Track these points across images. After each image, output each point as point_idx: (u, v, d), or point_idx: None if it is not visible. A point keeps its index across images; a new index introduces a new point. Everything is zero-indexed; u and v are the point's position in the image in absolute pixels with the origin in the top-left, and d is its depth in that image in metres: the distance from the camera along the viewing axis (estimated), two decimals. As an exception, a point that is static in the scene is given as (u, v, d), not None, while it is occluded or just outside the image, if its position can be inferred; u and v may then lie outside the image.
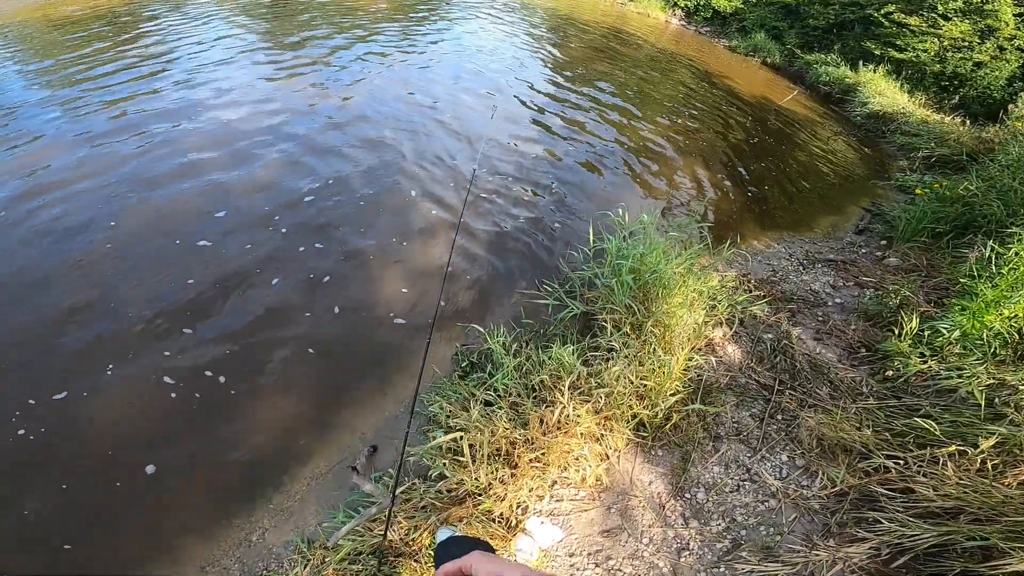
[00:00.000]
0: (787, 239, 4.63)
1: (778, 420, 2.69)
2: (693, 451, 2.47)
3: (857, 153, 7.05)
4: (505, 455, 2.12)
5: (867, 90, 8.88)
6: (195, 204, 3.81)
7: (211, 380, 2.69)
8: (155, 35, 7.29)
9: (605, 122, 6.17)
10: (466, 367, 2.72)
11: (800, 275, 3.94)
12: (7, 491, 2.22)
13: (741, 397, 2.71)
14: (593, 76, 7.88)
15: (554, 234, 4.01)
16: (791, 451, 2.54)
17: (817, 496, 2.30)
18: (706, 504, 2.32)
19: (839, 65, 10.18)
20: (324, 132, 4.91)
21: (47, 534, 2.11)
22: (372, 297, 3.25)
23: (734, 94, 8.52)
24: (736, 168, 5.82)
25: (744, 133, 6.88)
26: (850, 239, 4.69)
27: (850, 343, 3.18)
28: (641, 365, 2.37)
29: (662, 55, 10.30)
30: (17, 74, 5.88)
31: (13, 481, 2.25)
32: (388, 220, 3.89)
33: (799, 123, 7.78)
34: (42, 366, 2.67)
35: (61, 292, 3.03)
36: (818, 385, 2.86)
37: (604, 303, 2.78)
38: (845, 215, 5.26)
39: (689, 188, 5.13)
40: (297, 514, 2.30)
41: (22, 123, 4.68)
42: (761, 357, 2.95)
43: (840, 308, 3.50)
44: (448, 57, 7.64)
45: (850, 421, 2.55)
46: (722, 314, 3.01)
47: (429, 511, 2.00)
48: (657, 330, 2.53)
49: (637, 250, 2.80)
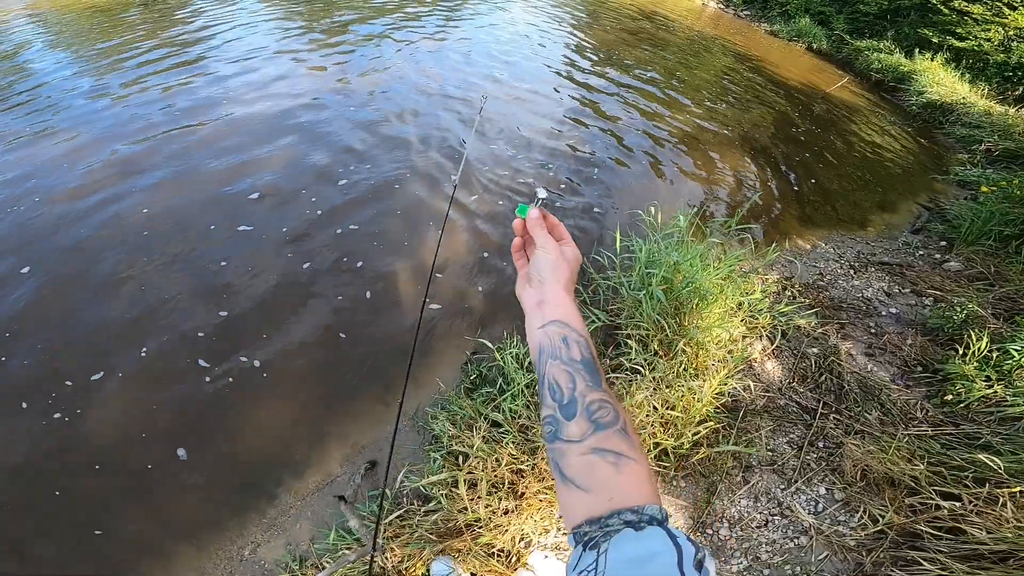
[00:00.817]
0: (836, 238, 4.22)
1: (819, 448, 2.40)
2: (720, 482, 2.21)
3: (912, 145, 6.50)
4: (510, 484, 1.91)
5: (923, 79, 8.23)
6: (231, 187, 3.74)
7: (209, 383, 2.57)
8: (190, 20, 7.27)
9: (637, 110, 5.81)
10: (475, 380, 2.51)
11: (850, 280, 3.57)
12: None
13: (779, 422, 2.42)
14: (626, 61, 7.49)
15: (577, 233, 3.75)
16: (830, 483, 2.27)
17: (854, 534, 2.04)
18: (728, 541, 2.08)
19: (892, 52, 9.51)
20: (348, 119, 4.74)
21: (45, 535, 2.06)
22: (375, 300, 3.07)
23: (777, 81, 7.99)
24: (780, 159, 5.40)
25: (788, 122, 6.41)
26: (906, 239, 4.26)
27: (906, 360, 2.84)
28: (668, 388, 2.11)
29: (699, 39, 9.78)
30: (59, 60, 5.94)
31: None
32: (385, 211, 3.71)
33: (849, 112, 7.23)
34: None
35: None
36: (867, 408, 2.55)
37: (630, 316, 2.51)
38: (900, 212, 4.80)
39: (728, 182, 4.75)
40: (290, 530, 2.18)
41: (65, 111, 4.70)
42: (804, 375, 2.65)
43: (895, 319, 3.14)
44: (479, 42, 7.36)
45: (901, 451, 2.25)
46: (763, 326, 2.71)
47: (423, 542, 1.81)
48: (689, 348, 2.25)
49: (670, 257, 2.49)
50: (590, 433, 0.56)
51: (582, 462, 0.55)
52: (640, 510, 0.52)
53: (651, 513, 0.52)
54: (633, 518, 0.51)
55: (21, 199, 3.54)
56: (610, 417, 0.57)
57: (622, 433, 0.57)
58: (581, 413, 0.58)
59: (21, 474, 2.23)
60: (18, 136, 4.27)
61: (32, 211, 3.45)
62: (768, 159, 5.35)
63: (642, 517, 0.51)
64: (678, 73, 7.42)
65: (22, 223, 3.35)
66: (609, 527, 0.51)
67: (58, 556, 2.03)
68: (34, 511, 2.13)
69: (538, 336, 0.66)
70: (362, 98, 5.15)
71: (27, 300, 2.86)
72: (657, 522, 0.51)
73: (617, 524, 0.51)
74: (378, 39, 6.82)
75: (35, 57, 6.10)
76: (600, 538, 0.50)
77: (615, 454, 0.55)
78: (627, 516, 0.51)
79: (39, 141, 4.21)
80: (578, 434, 0.57)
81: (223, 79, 5.35)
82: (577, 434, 0.57)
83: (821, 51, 10.57)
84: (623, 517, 0.51)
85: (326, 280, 3.11)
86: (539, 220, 0.72)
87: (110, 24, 7.16)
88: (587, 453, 0.56)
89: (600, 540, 0.50)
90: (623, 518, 0.51)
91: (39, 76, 5.49)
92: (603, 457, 0.55)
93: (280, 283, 3.06)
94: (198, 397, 2.52)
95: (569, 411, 0.58)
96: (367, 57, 6.20)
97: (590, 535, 0.52)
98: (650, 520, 0.51)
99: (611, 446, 0.55)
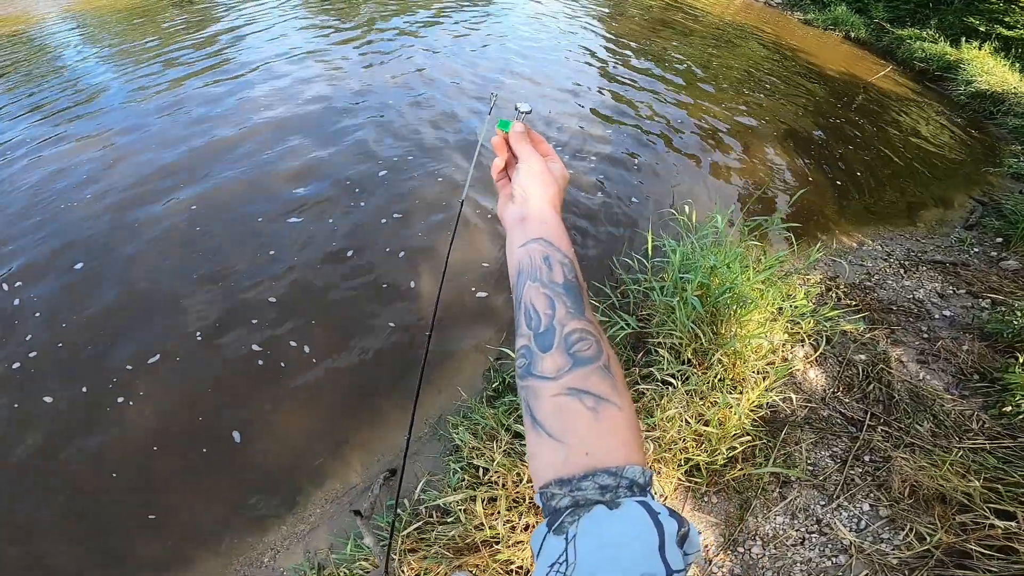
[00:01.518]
0: (884, 234, 3.96)
1: (864, 462, 2.23)
2: (755, 498, 2.07)
3: (962, 136, 6.12)
4: (531, 499, 1.82)
5: (971, 68, 7.78)
6: (279, 181, 3.80)
7: (232, 387, 2.57)
8: (223, 18, 7.44)
9: (666, 103, 5.61)
10: (497, 387, 2.42)
11: (900, 280, 3.32)
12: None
13: (822, 434, 2.26)
14: (654, 52, 7.28)
15: (603, 234, 3.61)
16: (875, 499, 2.11)
17: (897, 552, 1.89)
18: (761, 559, 1.95)
19: (937, 41, 9.05)
20: (388, 112, 4.76)
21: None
22: (397, 302, 3.02)
23: (814, 71, 7.64)
24: (820, 152, 5.13)
25: (828, 113, 6.11)
26: (959, 235, 3.97)
27: (961, 368, 2.63)
28: (702, 399, 1.98)
29: (729, 27, 9.46)
30: (101, 60, 6.16)
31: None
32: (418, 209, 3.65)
33: (893, 102, 6.86)
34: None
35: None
36: (918, 420, 2.36)
37: (660, 323, 2.36)
38: (951, 207, 4.50)
39: (766, 177, 4.53)
40: (309, 538, 2.15)
41: (109, 110, 4.84)
42: (850, 384, 2.46)
43: (949, 323, 2.91)
44: (504, 34, 7.30)
45: (954, 466, 2.07)
46: (806, 331, 2.53)
47: (440, 558, 1.74)
48: (726, 358, 2.11)
49: (707, 261, 2.31)
50: (567, 369, 0.49)
51: (556, 404, 0.48)
52: (619, 472, 0.44)
53: (631, 476, 0.44)
54: (610, 482, 0.43)
55: (57, 199, 3.63)
56: (591, 351, 0.49)
57: (604, 371, 0.49)
58: (559, 344, 0.50)
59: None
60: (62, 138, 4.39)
61: (81, 210, 3.54)
62: (808, 152, 5.10)
63: (620, 481, 0.44)
64: (709, 64, 7.17)
65: (73, 221, 3.44)
66: (581, 491, 0.43)
67: (78, 561, 2.04)
68: (53, 510, 2.16)
69: (518, 255, 0.58)
70: (401, 94, 5.15)
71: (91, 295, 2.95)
72: (638, 488, 0.44)
73: (591, 489, 0.43)
74: (401, 35, 6.81)
75: (73, 58, 6.32)
76: (567, 515, 0.43)
77: (595, 397, 0.47)
78: (603, 479, 0.44)
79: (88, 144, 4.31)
80: (553, 370, 0.49)
81: (266, 78, 5.40)
82: (552, 370, 0.49)
83: (859, 40, 10.09)
84: (598, 480, 0.43)
85: (348, 284, 3.07)
86: (523, 135, 0.66)
87: (147, 24, 7.34)
88: (562, 393, 0.48)
89: (567, 521, 0.42)
90: (598, 481, 0.43)
91: (81, 76, 5.67)
92: (581, 400, 0.47)
93: (300, 288, 3.03)
94: (218, 402, 2.51)
95: (545, 341, 0.51)
96: (390, 53, 6.18)
97: (558, 501, 0.44)
98: (630, 486, 0.44)
99: (590, 387, 0.47)
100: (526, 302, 0.54)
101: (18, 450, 2.31)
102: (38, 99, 5.19)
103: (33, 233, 3.36)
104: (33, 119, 4.79)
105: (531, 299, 0.54)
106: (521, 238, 0.59)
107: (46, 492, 2.21)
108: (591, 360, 0.49)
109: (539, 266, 0.55)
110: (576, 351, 0.49)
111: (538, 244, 0.57)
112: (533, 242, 0.57)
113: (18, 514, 2.15)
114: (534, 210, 0.60)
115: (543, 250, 0.56)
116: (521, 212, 0.61)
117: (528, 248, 0.57)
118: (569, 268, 0.55)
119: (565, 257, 0.56)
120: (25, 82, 5.61)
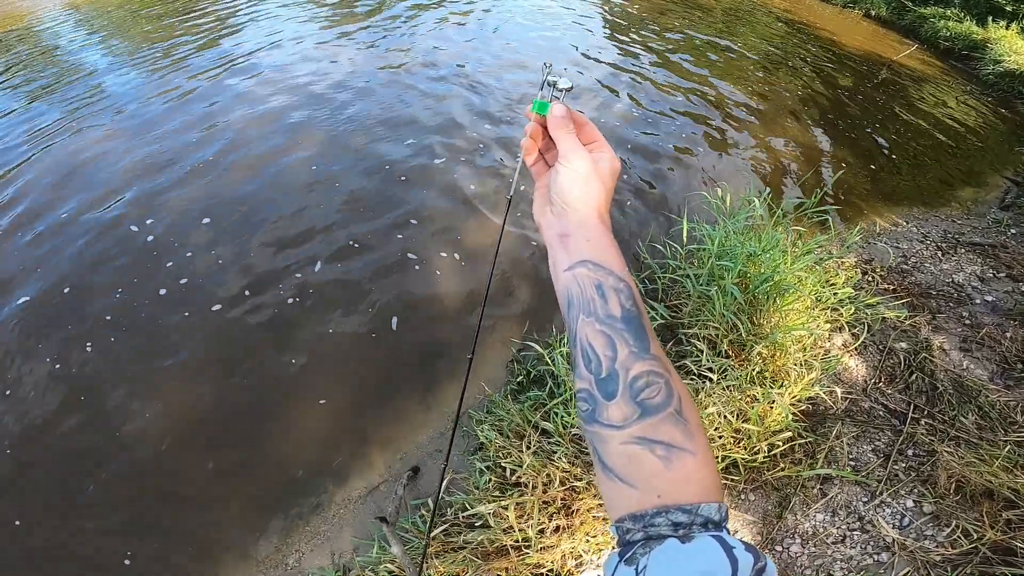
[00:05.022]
0: (918, 216, 3.81)
1: (908, 457, 2.13)
2: (794, 496, 1.99)
3: (992, 115, 5.88)
4: (562, 500, 1.75)
5: (999, 47, 7.48)
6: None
7: (252, 386, 2.52)
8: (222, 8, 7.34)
9: (686, 83, 5.42)
10: (521, 381, 2.34)
11: (938, 263, 3.18)
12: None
13: (863, 427, 2.16)
14: (667, 29, 7.06)
15: (628, 218, 3.47)
16: (919, 495, 2.01)
17: (942, 550, 1.81)
18: (800, 557, 1.88)
19: (962, 20, 8.70)
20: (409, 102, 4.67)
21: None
22: (421, 290, 2.94)
23: (836, 49, 7.39)
24: (848, 132, 4.96)
25: (854, 92, 5.90)
26: (994, 216, 3.80)
27: (1005, 356, 2.50)
28: (742, 393, 1.88)
29: (745, 4, 9.19)
30: (103, 52, 6.14)
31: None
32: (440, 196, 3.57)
33: (919, 81, 6.60)
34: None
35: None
36: (963, 412, 2.25)
37: (694, 314, 2.25)
38: (986, 187, 4.31)
39: (796, 158, 4.37)
40: (334, 539, 2.11)
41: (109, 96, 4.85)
42: (892, 374, 2.35)
43: (991, 308, 2.77)
44: (511, 14, 7.14)
45: (1001, 460, 1.97)
46: (846, 319, 2.41)
47: (468, 562, 1.68)
48: (765, 351, 2.00)
49: (746, 248, 2.18)
50: (635, 419, 0.44)
51: (625, 452, 0.45)
52: (694, 509, 0.42)
53: (706, 514, 0.42)
54: (684, 519, 0.42)
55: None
56: (660, 397, 0.45)
57: (675, 417, 0.44)
58: (623, 392, 0.45)
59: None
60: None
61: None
62: (836, 132, 4.93)
63: (694, 519, 0.42)
64: (730, 43, 6.95)
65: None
66: (654, 527, 0.42)
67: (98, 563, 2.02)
68: (73, 510, 2.13)
69: (564, 280, 0.51)
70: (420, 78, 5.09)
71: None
72: (713, 524, 0.42)
73: (664, 525, 0.42)
74: (409, 19, 6.68)
75: (78, 51, 6.29)
76: (640, 548, 0.41)
77: (666, 446, 0.43)
78: (677, 516, 0.42)
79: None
80: (620, 419, 0.45)
81: (270, 66, 5.34)
82: (619, 418, 0.45)
83: (880, 18, 9.75)
84: (671, 517, 0.42)
85: (367, 277, 3.01)
86: (565, 119, 0.55)
87: (154, 17, 7.28)
88: (631, 443, 0.44)
89: (639, 552, 0.41)
90: (671, 518, 0.42)
91: (86, 71, 5.63)
92: (651, 449, 0.44)
93: (319, 285, 2.98)
94: (236, 399, 2.47)
95: (608, 388, 0.46)
96: (399, 38, 6.06)
97: (632, 535, 0.43)
98: (704, 523, 0.42)
99: (661, 436, 0.44)
100: (582, 341, 0.48)
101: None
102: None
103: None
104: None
105: (587, 337, 0.48)
106: (565, 260, 0.52)
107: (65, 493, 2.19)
108: (661, 408, 0.45)
109: (591, 297, 0.49)
110: (643, 398, 0.45)
111: (586, 268, 0.50)
112: (580, 265, 0.50)
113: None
114: (578, 224, 0.52)
115: (593, 276, 0.49)
116: (562, 227, 0.53)
117: (575, 273, 0.50)
118: (626, 294, 0.49)
119: (620, 281, 0.49)
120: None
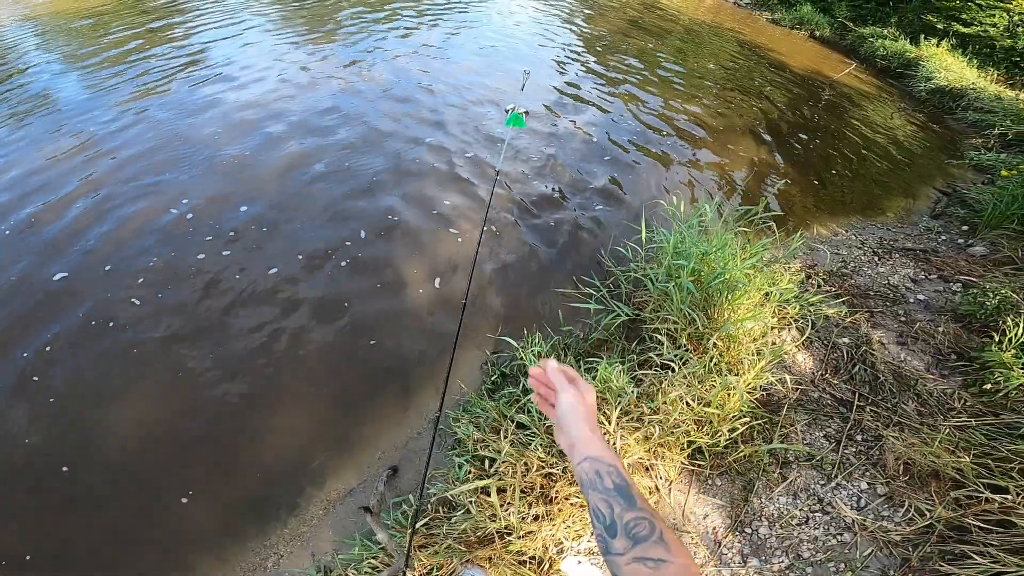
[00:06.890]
0: (856, 224, 4.14)
1: (857, 442, 2.31)
2: (757, 479, 2.13)
3: (924, 130, 6.40)
4: (540, 488, 1.83)
5: (931, 64, 8.12)
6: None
7: (226, 389, 2.50)
8: (186, 22, 7.18)
9: (643, 101, 5.71)
10: (496, 380, 2.42)
11: (875, 267, 3.46)
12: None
13: (814, 415, 2.33)
14: (629, 51, 7.38)
15: (592, 225, 3.64)
16: (872, 477, 2.18)
17: (900, 529, 1.97)
18: (769, 539, 2.00)
19: (897, 39, 9.41)
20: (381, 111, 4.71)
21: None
22: (393, 298, 2.99)
23: (782, 68, 7.88)
24: (793, 146, 5.31)
25: (798, 109, 6.31)
26: (927, 224, 4.16)
27: (939, 348, 2.75)
28: (701, 383, 2.02)
29: (701, 28, 9.66)
30: (64, 68, 5.86)
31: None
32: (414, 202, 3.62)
33: (857, 98, 7.12)
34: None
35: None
36: (904, 399, 2.46)
37: (655, 310, 2.41)
38: (918, 197, 4.70)
39: (743, 171, 4.67)
40: (313, 540, 2.11)
41: (77, 119, 4.61)
42: (837, 366, 2.55)
43: (924, 306, 3.04)
44: (477, 32, 7.30)
45: (943, 443, 2.17)
46: (792, 316, 2.61)
47: (452, 552, 1.73)
48: (720, 342, 2.16)
49: (699, 248, 2.40)
50: (631, 547, 0.68)
51: (629, 571, 0.67)
52: None
53: None
54: None
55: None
56: (646, 531, 0.69)
57: (658, 542, 0.67)
58: (621, 532, 0.70)
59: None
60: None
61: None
62: (781, 146, 5.26)
63: None
64: (685, 62, 7.32)
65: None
66: None
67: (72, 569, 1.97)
68: (49, 516, 2.07)
69: (578, 472, 0.78)
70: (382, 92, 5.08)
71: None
72: None
73: None
74: (372, 36, 6.73)
75: (40, 66, 6.02)
76: None
77: (654, 561, 0.66)
78: None
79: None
80: (622, 548, 0.68)
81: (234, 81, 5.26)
82: (621, 548, 0.69)
83: (824, 38, 10.46)
84: None
85: (339, 280, 3.03)
86: (557, 369, 0.87)
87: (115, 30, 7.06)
88: (631, 563, 0.67)
89: None
90: None
91: (49, 85, 5.41)
92: (644, 564, 0.66)
93: (294, 290, 2.98)
94: (212, 405, 2.45)
95: (612, 531, 0.70)
96: (362, 54, 6.10)
97: None
98: None
99: (651, 554, 0.67)
100: (593, 506, 0.74)
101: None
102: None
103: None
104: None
105: (596, 504, 0.73)
106: (576, 459, 0.79)
107: (36, 501, 2.12)
108: (647, 537, 0.68)
109: (594, 479, 0.75)
110: (635, 533, 0.69)
111: (589, 463, 0.77)
112: (585, 461, 0.77)
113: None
114: (578, 437, 0.80)
115: (593, 466, 0.76)
116: (568, 439, 0.81)
117: (583, 466, 0.77)
118: (616, 474, 0.75)
119: (610, 467, 0.75)
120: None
